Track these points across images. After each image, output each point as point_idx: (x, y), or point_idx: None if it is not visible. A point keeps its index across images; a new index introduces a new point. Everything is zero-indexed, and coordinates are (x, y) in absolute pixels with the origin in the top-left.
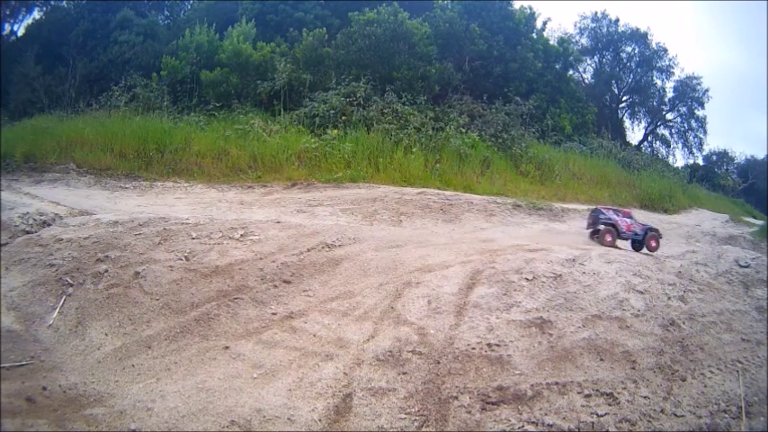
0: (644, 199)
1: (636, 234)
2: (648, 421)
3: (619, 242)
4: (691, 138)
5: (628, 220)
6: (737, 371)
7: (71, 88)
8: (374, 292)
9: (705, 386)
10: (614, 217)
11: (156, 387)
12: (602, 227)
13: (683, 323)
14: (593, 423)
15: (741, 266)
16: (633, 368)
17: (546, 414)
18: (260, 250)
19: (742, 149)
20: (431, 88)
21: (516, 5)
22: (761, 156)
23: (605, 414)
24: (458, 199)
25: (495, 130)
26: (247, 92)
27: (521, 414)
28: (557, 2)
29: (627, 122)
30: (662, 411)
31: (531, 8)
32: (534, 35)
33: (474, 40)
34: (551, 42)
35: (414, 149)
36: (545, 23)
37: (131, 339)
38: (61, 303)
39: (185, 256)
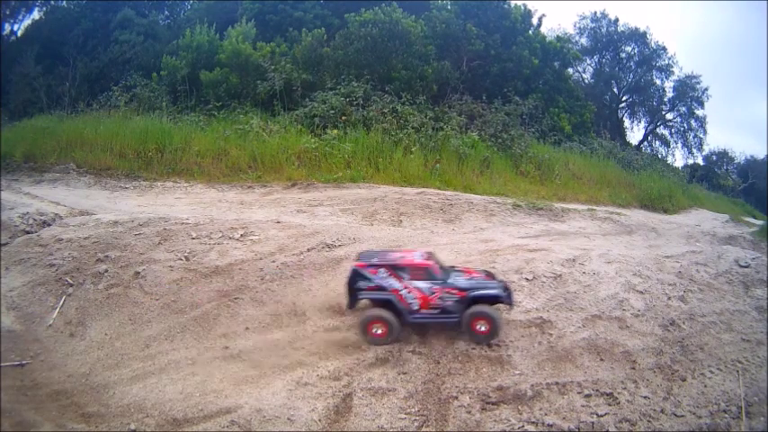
0: (644, 199)
1: None
2: (648, 421)
3: None
4: (690, 138)
5: None
6: (737, 371)
7: (71, 88)
8: None
9: (705, 386)
10: None
11: (156, 387)
12: None
13: (683, 323)
14: (593, 423)
15: (741, 266)
16: (633, 368)
17: (546, 414)
18: (260, 250)
19: (741, 145)
20: (429, 88)
21: (512, 3)
22: (761, 156)
23: (605, 414)
24: (458, 199)
25: (494, 130)
26: (247, 92)
27: (521, 414)
28: (556, 1)
29: (627, 122)
30: (662, 411)
31: (525, 6)
32: (531, 33)
33: (471, 40)
34: (548, 39)
35: (413, 149)
36: (540, 20)
37: (131, 339)
38: (61, 303)
39: (185, 256)
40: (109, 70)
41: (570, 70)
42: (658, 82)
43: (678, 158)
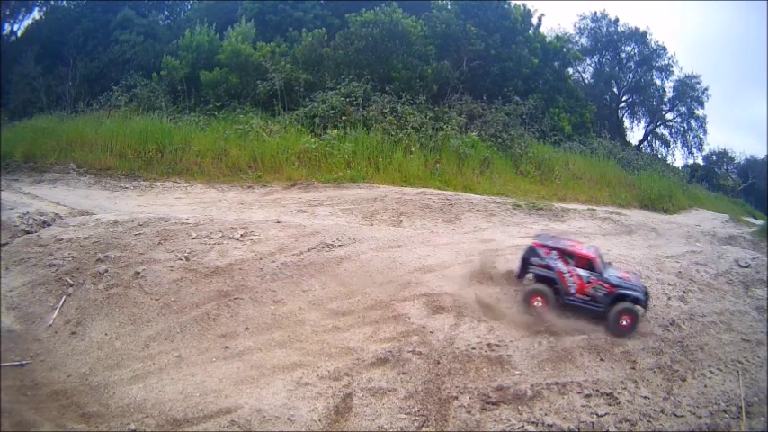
0: (644, 199)
1: None
2: (648, 421)
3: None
4: (690, 138)
5: None
6: (737, 371)
7: (71, 88)
8: (374, 291)
9: (705, 386)
10: None
11: (156, 387)
12: None
13: (683, 323)
14: (593, 423)
15: (741, 266)
16: (633, 368)
17: (546, 414)
18: (260, 250)
19: (741, 145)
20: (429, 88)
21: (512, 3)
22: (761, 156)
23: (605, 414)
24: (458, 199)
25: (494, 130)
26: (247, 92)
27: (521, 414)
28: (556, 1)
29: (627, 122)
30: (662, 411)
31: (525, 6)
32: (531, 32)
33: (471, 40)
34: (548, 39)
35: (413, 149)
36: (540, 19)
37: (131, 339)
38: (61, 303)
39: (185, 256)
40: (109, 70)
41: (570, 70)
42: (658, 82)
43: (678, 158)
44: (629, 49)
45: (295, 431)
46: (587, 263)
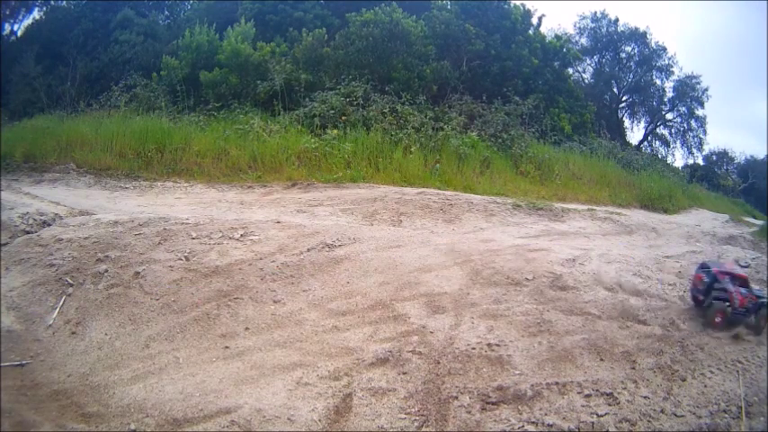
0: (644, 199)
1: None
2: (648, 421)
3: None
4: (690, 138)
5: None
6: (737, 371)
7: (71, 88)
8: (374, 291)
9: (705, 386)
10: None
11: (156, 387)
12: None
13: (683, 323)
14: (593, 423)
15: (741, 266)
16: (633, 368)
17: (546, 414)
18: (260, 250)
19: (741, 145)
20: (429, 88)
21: (512, 3)
22: (761, 156)
23: (605, 414)
24: (458, 199)
25: (494, 130)
26: (247, 92)
27: (521, 414)
28: (556, 1)
29: (627, 122)
30: (662, 411)
31: (524, 6)
32: (531, 32)
33: (471, 40)
34: (548, 39)
35: (413, 149)
36: (540, 19)
37: (131, 339)
38: (61, 303)
39: (185, 256)
40: (109, 70)
41: (570, 70)
42: (658, 82)
43: (678, 158)
44: (629, 49)
45: (295, 431)
46: (743, 281)
